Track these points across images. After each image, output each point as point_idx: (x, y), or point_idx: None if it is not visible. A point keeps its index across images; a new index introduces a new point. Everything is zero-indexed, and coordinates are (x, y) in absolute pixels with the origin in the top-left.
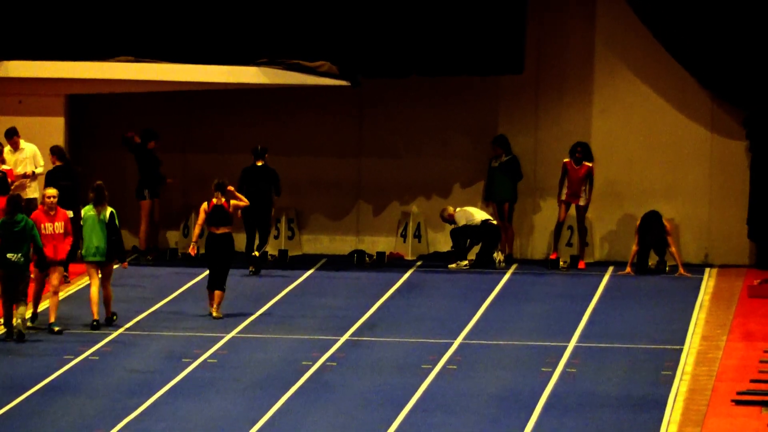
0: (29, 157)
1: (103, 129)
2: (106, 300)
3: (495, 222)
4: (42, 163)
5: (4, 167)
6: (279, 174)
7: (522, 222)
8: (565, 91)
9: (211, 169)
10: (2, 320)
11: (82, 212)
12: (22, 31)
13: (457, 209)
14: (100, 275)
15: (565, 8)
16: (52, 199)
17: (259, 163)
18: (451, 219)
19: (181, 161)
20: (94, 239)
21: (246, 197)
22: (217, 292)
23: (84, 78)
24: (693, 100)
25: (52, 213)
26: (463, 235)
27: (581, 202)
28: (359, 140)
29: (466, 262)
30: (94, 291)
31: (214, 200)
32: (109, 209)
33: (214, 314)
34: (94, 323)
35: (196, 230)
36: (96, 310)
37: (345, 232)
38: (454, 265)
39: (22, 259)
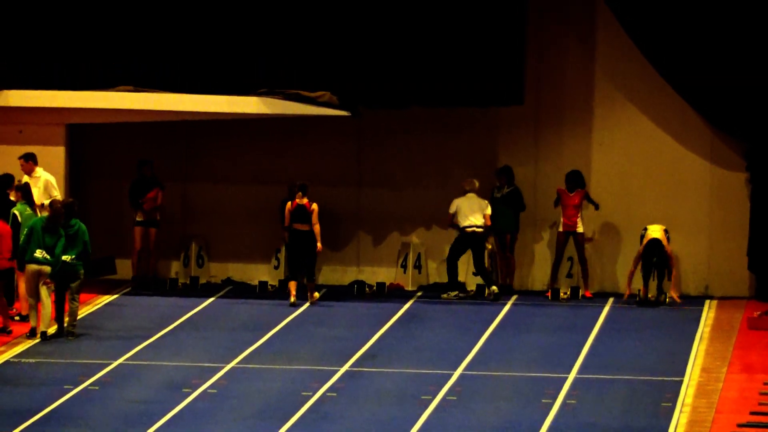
0: (41, 188)
1: (103, 158)
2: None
3: (478, 230)
4: (56, 194)
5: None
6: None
7: (522, 253)
8: (565, 122)
9: (210, 199)
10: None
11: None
12: (22, 61)
13: (461, 199)
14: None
15: (565, 39)
16: None
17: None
18: (464, 190)
19: (180, 191)
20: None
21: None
22: (309, 285)
23: (84, 107)
24: (693, 131)
25: None
26: (454, 262)
27: (579, 229)
28: (359, 171)
29: (456, 293)
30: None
31: (297, 200)
32: None
33: (292, 300)
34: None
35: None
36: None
37: (345, 263)
38: (445, 295)
39: (75, 261)
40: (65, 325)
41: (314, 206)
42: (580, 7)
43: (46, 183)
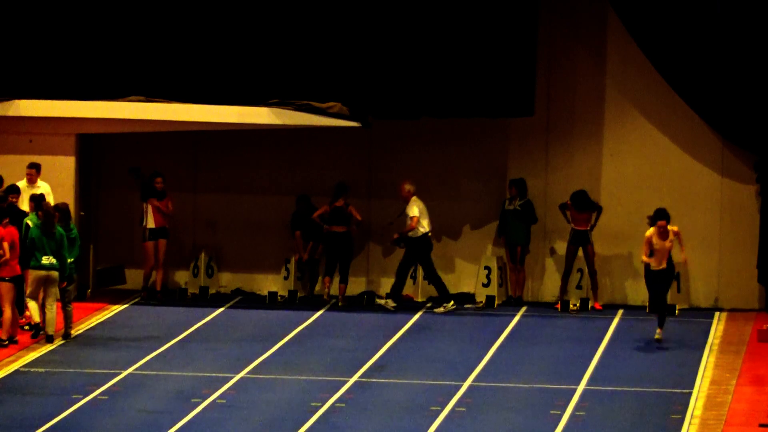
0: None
1: (113, 168)
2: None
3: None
4: (51, 201)
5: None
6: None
7: (532, 264)
8: (575, 134)
9: (220, 209)
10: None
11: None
12: (33, 70)
13: (415, 199)
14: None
15: (575, 51)
16: None
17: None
18: (407, 198)
19: (190, 201)
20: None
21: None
22: (340, 286)
23: (95, 117)
24: (703, 143)
25: None
26: (435, 272)
27: (587, 232)
28: (369, 181)
29: (452, 302)
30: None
31: (335, 203)
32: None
33: (327, 292)
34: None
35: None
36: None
37: (355, 273)
38: (441, 309)
39: (73, 264)
40: (63, 329)
41: (351, 207)
42: (591, 19)
43: (46, 193)
